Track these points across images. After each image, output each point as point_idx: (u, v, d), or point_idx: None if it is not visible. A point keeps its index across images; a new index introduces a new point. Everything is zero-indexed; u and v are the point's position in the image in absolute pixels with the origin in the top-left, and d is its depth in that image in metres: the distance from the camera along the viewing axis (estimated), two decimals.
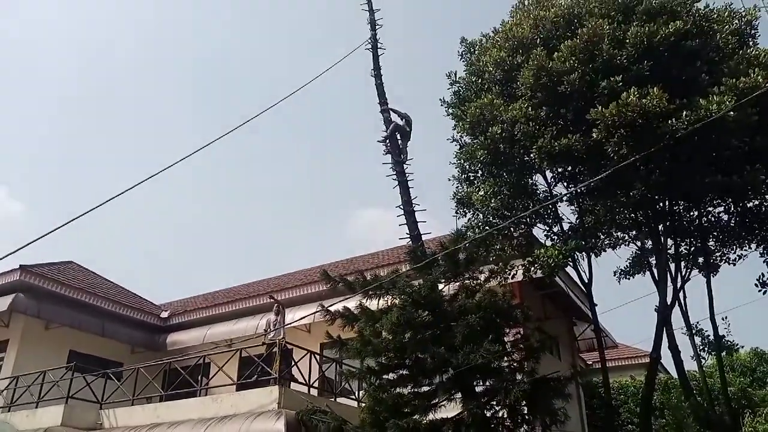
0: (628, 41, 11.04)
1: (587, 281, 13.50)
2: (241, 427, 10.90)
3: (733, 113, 9.84)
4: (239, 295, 19.80)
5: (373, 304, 10.77)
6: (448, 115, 14.08)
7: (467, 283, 10.86)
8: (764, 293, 12.62)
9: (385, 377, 10.23)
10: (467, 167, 13.46)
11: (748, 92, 9.80)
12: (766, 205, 12.54)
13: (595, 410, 20.09)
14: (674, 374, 16.34)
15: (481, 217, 13.02)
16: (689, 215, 13.57)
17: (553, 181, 13.54)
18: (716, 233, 13.51)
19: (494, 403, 9.89)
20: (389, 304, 10.54)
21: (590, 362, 22.66)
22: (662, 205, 12.95)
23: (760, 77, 10.16)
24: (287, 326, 14.34)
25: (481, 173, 13.31)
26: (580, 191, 12.75)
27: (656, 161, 10.65)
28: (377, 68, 13.65)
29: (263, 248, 62.58)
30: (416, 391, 10.08)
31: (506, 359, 10.33)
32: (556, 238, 13.29)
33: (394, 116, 13.25)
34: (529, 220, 13.19)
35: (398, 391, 9.98)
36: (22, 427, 13.54)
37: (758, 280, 12.75)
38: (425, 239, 11.95)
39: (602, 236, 13.73)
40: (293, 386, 12.37)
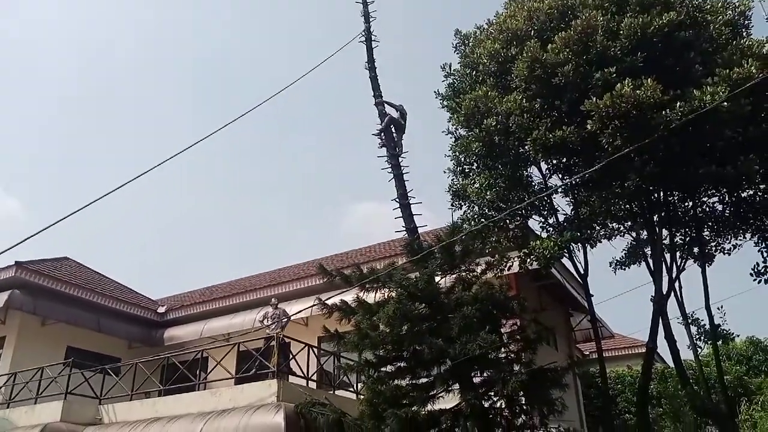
0: (621, 32, 11.05)
1: (583, 272, 13.57)
2: (240, 420, 10.94)
3: (726, 104, 9.87)
4: (236, 289, 19.83)
5: (370, 297, 10.80)
6: (443, 107, 14.09)
7: (464, 275, 10.90)
8: (759, 282, 12.70)
9: (383, 369, 10.29)
10: (462, 159, 13.48)
11: (741, 83, 9.82)
12: (760, 194, 12.59)
13: (592, 400, 20.24)
14: (671, 364, 16.45)
15: (476, 209, 13.04)
16: (684, 205, 13.63)
17: (548, 172, 13.58)
18: (711, 223, 13.57)
19: (492, 393, 9.96)
20: (386, 297, 10.58)
21: (587, 352, 22.80)
22: (657, 195, 13.00)
23: (753, 68, 10.17)
24: (287, 320, 14.35)
25: (476, 165, 13.32)
26: (575, 183, 12.79)
27: (650, 152, 10.67)
28: (371, 61, 13.66)
29: (259, 242, 62.60)
30: (414, 382, 10.13)
31: (503, 350, 10.39)
32: (551, 229, 13.32)
33: (388, 109, 13.27)
34: (524, 211, 13.22)
35: (396, 383, 10.03)
36: (21, 423, 13.57)
37: (753, 269, 12.82)
38: (421, 232, 12.00)
39: (597, 227, 13.79)
40: (292, 380, 12.41)
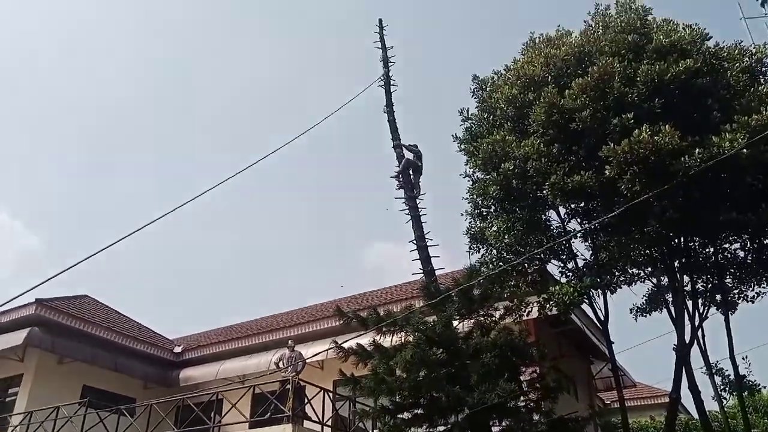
0: (638, 79, 11.13)
1: (603, 318, 13.34)
2: None
3: (746, 151, 9.81)
4: (252, 330, 19.78)
5: (386, 340, 10.72)
6: (460, 150, 14.19)
7: (482, 320, 10.82)
8: None
9: (399, 417, 10.15)
10: (480, 202, 13.48)
11: (760, 129, 9.79)
12: None
13: None
14: (695, 415, 15.95)
15: (494, 252, 12.96)
16: (705, 252, 13.42)
17: (566, 217, 13.51)
18: (733, 270, 13.33)
19: None
20: (403, 341, 10.50)
21: (608, 402, 22.25)
22: (677, 241, 12.84)
23: None
24: (303, 363, 14.24)
25: (494, 209, 13.31)
26: (594, 227, 12.70)
27: (670, 198, 10.59)
28: (390, 105, 13.89)
29: (276, 282, 62.63)
30: (431, 431, 9.96)
31: (522, 399, 10.21)
32: (570, 274, 13.17)
33: (405, 151, 13.41)
34: (543, 256, 13.10)
35: (413, 431, 9.87)
36: None
37: None
38: (438, 274, 11.94)
39: (617, 273, 13.59)
40: (306, 424, 12.27)
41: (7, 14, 53.57)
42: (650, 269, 13.52)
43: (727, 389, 13.41)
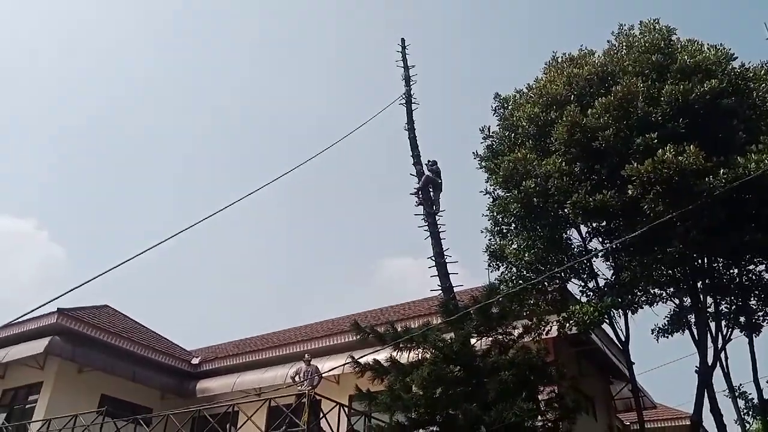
0: (662, 99, 11.09)
1: (624, 339, 13.18)
2: None
3: None
4: (269, 343, 19.80)
5: (403, 357, 10.67)
6: (481, 168, 14.19)
7: (500, 338, 10.73)
8: None
9: None
10: (500, 220, 13.46)
11: None
12: None
13: None
14: None
15: (514, 270, 12.92)
16: (729, 273, 13.25)
17: (588, 236, 13.43)
18: (758, 292, 13.14)
19: None
20: (420, 357, 10.45)
21: (628, 423, 21.83)
22: (701, 262, 12.69)
23: None
24: (319, 378, 14.23)
25: (514, 226, 13.28)
26: (615, 247, 12.59)
27: (694, 218, 10.50)
28: (410, 122, 13.96)
29: (294, 296, 62.77)
30: None
31: (540, 418, 10.08)
32: (591, 294, 13.06)
33: (425, 168, 13.44)
34: (563, 275, 13.01)
35: None
36: None
37: None
38: (457, 291, 11.88)
39: (639, 293, 13.43)
40: None
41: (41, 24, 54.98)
42: (673, 290, 13.36)
43: (750, 413, 13.13)
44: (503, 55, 67.98)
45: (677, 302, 13.64)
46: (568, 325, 12.09)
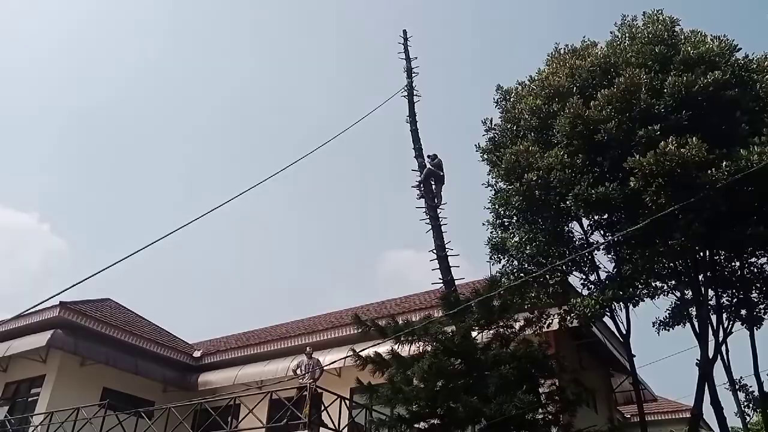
0: (665, 91, 11.02)
1: (625, 332, 13.18)
2: None
3: None
4: (271, 336, 19.82)
5: (404, 350, 10.67)
6: (483, 160, 14.14)
7: (501, 331, 10.73)
8: None
9: (415, 426, 10.07)
10: (502, 213, 13.43)
11: None
12: None
13: None
14: (717, 431, 15.64)
15: (515, 263, 12.90)
16: (731, 266, 13.22)
17: (589, 228, 13.39)
18: (759, 284, 13.10)
19: None
20: (421, 350, 10.45)
21: (628, 416, 21.90)
22: (703, 254, 12.65)
23: None
24: (321, 371, 14.26)
25: (516, 219, 13.25)
26: (617, 240, 12.55)
27: (696, 211, 10.45)
28: (412, 115, 13.90)
29: (295, 289, 62.86)
30: None
31: (541, 411, 10.09)
32: (592, 286, 13.03)
33: (427, 161, 13.39)
34: (565, 267, 12.99)
35: None
36: None
37: None
38: (458, 284, 11.87)
39: (640, 285, 13.39)
40: (322, 431, 12.22)
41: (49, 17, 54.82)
42: (674, 282, 13.32)
43: (750, 406, 13.13)
44: (506, 47, 67.77)
45: (678, 295, 13.59)
46: (569, 318, 12.08)
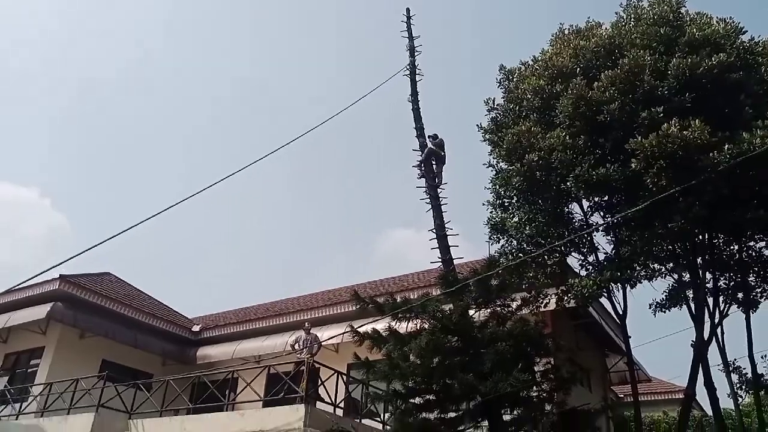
0: (670, 73, 10.94)
1: (622, 313, 13.25)
2: None
3: None
4: (269, 312, 19.96)
5: (402, 327, 10.73)
6: (484, 140, 14.09)
7: (499, 310, 10.78)
8: None
9: (411, 401, 10.17)
10: (502, 193, 13.43)
11: None
12: None
13: None
14: (709, 412, 15.84)
15: (514, 243, 12.93)
16: (729, 249, 13.25)
17: (589, 210, 13.39)
18: (757, 268, 13.16)
19: None
20: (418, 328, 10.51)
21: (622, 395, 22.16)
22: (702, 237, 12.68)
23: None
24: (318, 346, 14.38)
25: (516, 199, 13.25)
26: (616, 221, 12.57)
27: (697, 194, 10.45)
28: (414, 94, 13.78)
29: (294, 266, 63.06)
30: (443, 417, 9.98)
31: (536, 389, 10.18)
32: (590, 267, 13.08)
33: (428, 141, 13.34)
34: (563, 248, 13.03)
35: (424, 416, 9.90)
36: None
37: None
38: (457, 264, 11.90)
39: (638, 267, 13.44)
40: (319, 406, 12.35)
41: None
42: (672, 265, 13.37)
43: (743, 387, 13.28)
44: (509, 26, 67.13)
45: (676, 277, 13.65)
46: (566, 298, 12.15)
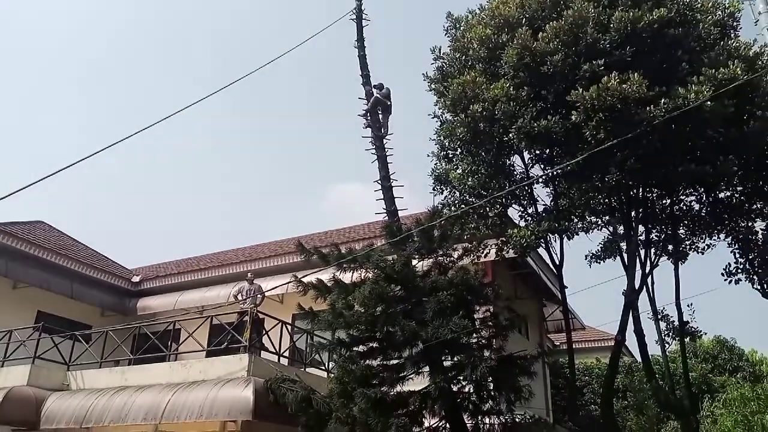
0: (612, 26, 11.03)
1: (558, 263, 13.67)
2: (209, 392, 10.93)
3: (710, 103, 9.92)
4: (212, 262, 19.71)
5: (346, 277, 10.80)
6: (430, 90, 13.98)
7: (440, 259, 10.96)
8: (730, 282, 13.00)
9: (355, 349, 10.33)
10: (446, 144, 13.44)
11: (726, 83, 9.87)
12: (736, 196, 12.77)
13: (559, 390, 20.58)
14: (638, 358, 16.74)
15: (457, 195, 13.04)
16: (661, 203, 13.74)
17: (530, 162, 13.58)
18: (687, 222, 13.72)
19: (461, 378, 10.07)
20: (362, 277, 10.60)
21: (558, 343, 23.09)
22: (636, 191, 13.10)
23: (738, 69, 10.24)
24: (262, 296, 14.34)
25: (459, 151, 13.29)
26: (556, 173, 12.82)
27: (632, 147, 10.71)
28: (361, 40, 13.51)
29: (238, 217, 62.23)
30: (385, 363, 10.21)
31: (475, 336, 10.49)
32: (530, 219, 13.38)
33: (375, 90, 13.16)
34: (504, 200, 13.25)
35: (367, 363, 10.10)
36: None
37: (725, 269, 13.12)
38: (402, 215, 11.97)
39: (575, 219, 13.82)
40: (264, 355, 12.41)
41: None
42: (608, 218, 13.80)
43: (670, 335, 14.04)
44: None
45: (611, 230, 14.13)
46: (506, 248, 12.41)
